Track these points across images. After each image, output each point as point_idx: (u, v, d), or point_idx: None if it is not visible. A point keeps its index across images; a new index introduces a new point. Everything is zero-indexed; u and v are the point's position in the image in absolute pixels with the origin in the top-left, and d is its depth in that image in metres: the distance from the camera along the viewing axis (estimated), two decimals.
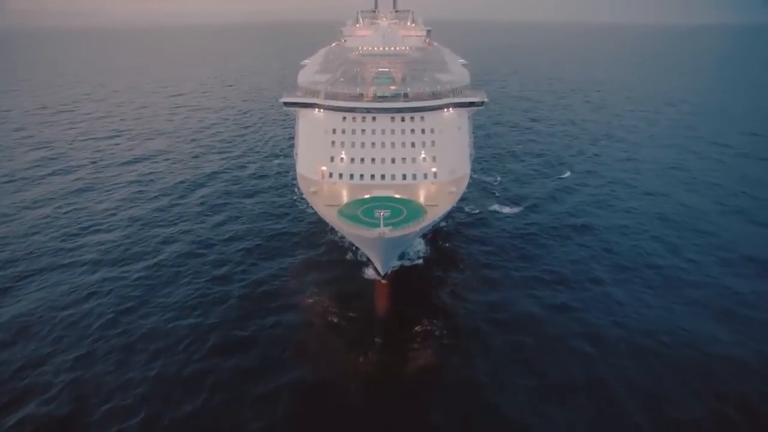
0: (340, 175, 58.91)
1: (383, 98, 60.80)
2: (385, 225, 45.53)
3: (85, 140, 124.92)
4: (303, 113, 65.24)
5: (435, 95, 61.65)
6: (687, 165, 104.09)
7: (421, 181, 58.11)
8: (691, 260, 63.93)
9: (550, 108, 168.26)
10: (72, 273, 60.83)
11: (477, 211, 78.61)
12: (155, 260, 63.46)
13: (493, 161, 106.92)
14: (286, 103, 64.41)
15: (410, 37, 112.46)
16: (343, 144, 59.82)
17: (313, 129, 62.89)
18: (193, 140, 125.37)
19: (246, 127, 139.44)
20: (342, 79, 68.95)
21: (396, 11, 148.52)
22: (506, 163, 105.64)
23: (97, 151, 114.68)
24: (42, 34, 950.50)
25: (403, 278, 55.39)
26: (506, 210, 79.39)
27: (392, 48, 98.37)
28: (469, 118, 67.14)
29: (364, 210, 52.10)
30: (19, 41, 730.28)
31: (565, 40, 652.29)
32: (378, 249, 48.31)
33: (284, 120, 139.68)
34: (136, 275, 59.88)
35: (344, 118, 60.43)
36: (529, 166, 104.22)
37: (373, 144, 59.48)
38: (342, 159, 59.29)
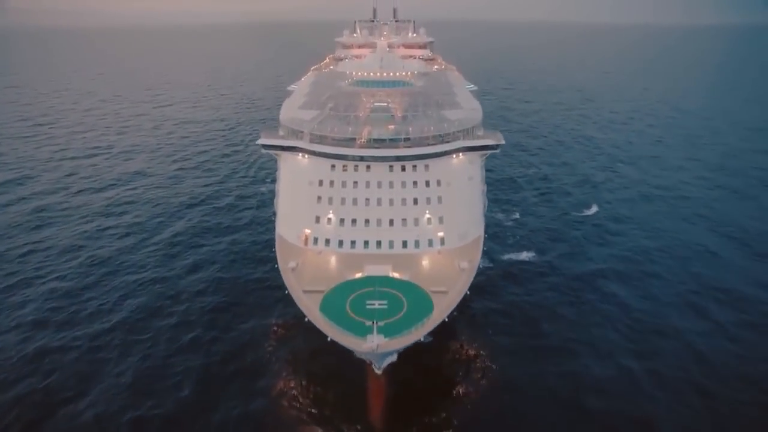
0: (327, 242, 49.63)
1: (380, 142, 51.36)
2: (379, 331, 35.99)
3: (60, 160, 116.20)
4: (285, 157, 56.22)
5: (442, 138, 52.21)
6: (734, 218, 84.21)
7: (425, 250, 48.58)
8: (736, 339, 54.71)
9: (561, 120, 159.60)
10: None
11: (491, 265, 65.25)
12: (110, 323, 54.54)
13: (506, 189, 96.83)
14: (264, 146, 55.03)
15: (412, 59, 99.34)
16: (331, 200, 50.70)
17: (296, 179, 53.85)
18: (175, 160, 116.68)
19: (233, 145, 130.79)
20: (331, 115, 58.84)
21: (396, 21, 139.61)
22: (520, 192, 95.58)
23: (70, 174, 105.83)
24: (40, 34, 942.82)
25: (402, 371, 40.92)
26: (524, 257, 67.98)
27: (391, 74, 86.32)
28: (482, 163, 57.96)
29: (353, 300, 41.75)
30: (16, 41, 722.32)
31: (566, 41, 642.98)
32: (370, 356, 38.14)
33: None
34: (84, 345, 50.92)
35: (333, 166, 51.40)
36: (548, 196, 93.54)
37: (367, 201, 50.24)
38: (329, 220, 50.17)
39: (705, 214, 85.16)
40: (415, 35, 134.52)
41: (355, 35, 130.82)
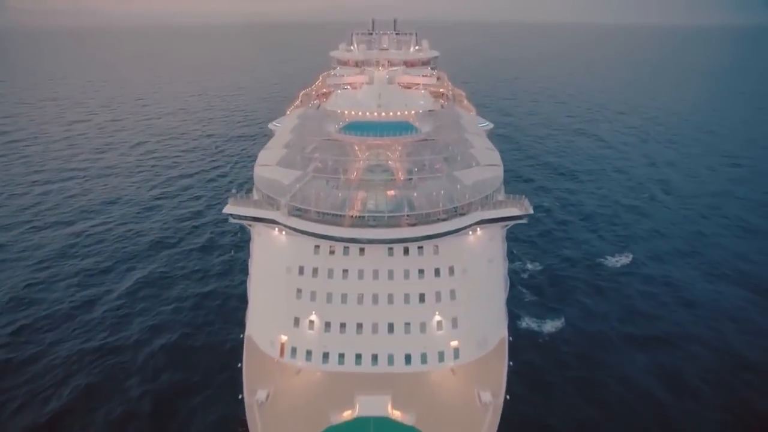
0: (308, 354, 39.01)
1: (377, 218, 40.56)
2: None
3: (29, 185, 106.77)
4: (258, 230, 45.78)
5: (455, 210, 41.45)
6: None
7: (435, 366, 37.92)
8: None
9: (578, 137, 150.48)
10: None
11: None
12: (45, 417, 45.13)
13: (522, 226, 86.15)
14: (233, 216, 44.16)
15: (416, 90, 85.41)
16: (314, 296, 40.27)
17: (271, 262, 43.75)
18: (154, 185, 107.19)
19: (216, 168, 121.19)
20: (316, 178, 47.89)
21: (397, 33, 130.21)
22: (540, 227, 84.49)
23: (35, 204, 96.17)
24: (36, 35, 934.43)
25: None
26: (546, 329, 56.92)
27: (391, 114, 71.59)
28: (503, 236, 47.64)
29: None
30: (12, 43, 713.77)
31: (570, 44, 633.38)
32: None
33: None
34: None
35: (317, 247, 41.33)
36: (571, 239, 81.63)
37: (359, 298, 39.73)
38: (312, 323, 39.75)
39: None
40: (417, 48, 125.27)
41: (351, 49, 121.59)
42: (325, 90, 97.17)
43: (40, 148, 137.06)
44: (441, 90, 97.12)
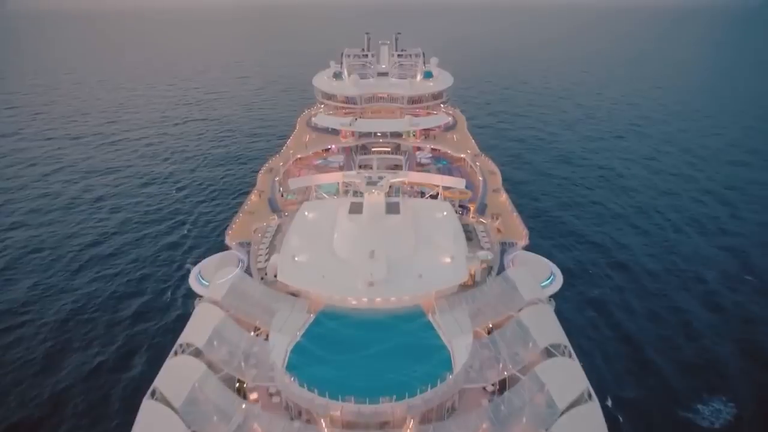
0: None
1: None
2: None
3: None
4: None
5: None
6: None
7: None
8: None
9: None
10: None
11: None
12: None
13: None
14: None
15: (432, 219, 47.29)
16: None
17: None
18: (86, 245, 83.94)
19: (181, 204, 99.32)
20: None
21: (399, 55, 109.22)
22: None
23: None
24: (35, 18, 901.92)
25: None
26: None
27: (393, 298, 37.75)
28: None
29: None
30: (8, 31, 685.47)
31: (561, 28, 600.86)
32: None
33: (233, 199, 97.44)
34: None
35: None
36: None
37: None
38: None
39: None
40: (425, 68, 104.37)
41: (342, 77, 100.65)
42: (295, 170, 73.00)
43: None
44: (463, 156, 75.63)
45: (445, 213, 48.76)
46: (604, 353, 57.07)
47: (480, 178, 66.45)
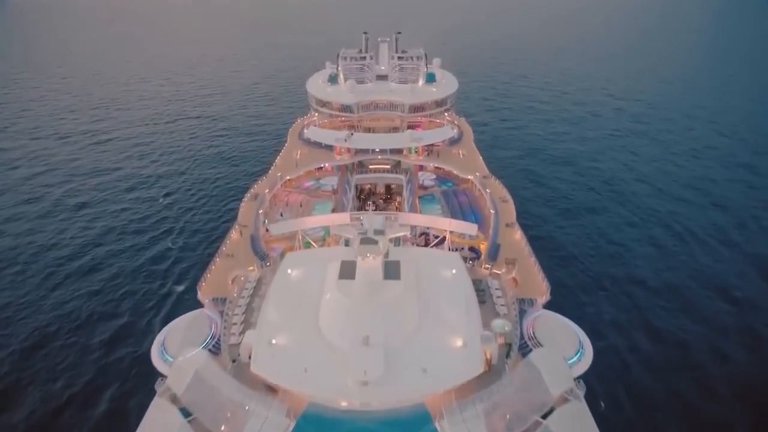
0: None
1: None
2: None
3: None
4: None
5: None
6: None
7: None
8: None
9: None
10: None
11: None
12: None
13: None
14: None
15: (441, 290, 39.59)
16: None
17: None
18: (83, 248, 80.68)
19: (168, 212, 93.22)
20: None
21: (400, 57, 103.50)
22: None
23: None
24: (31, 11, 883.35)
25: None
26: None
27: (393, 399, 31.82)
28: None
29: None
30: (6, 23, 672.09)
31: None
32: None
33: (212, 234, 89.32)
34: None
35: None
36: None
37: None
38: None
39: None
40: (428, 69, 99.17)
41: (338, 81, 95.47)
42: (284, 199, 66.56)
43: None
44: (470, 178, 69.04)
45: (454, 271, 41.40)
46: None
47: (492, 211, 59.42)
